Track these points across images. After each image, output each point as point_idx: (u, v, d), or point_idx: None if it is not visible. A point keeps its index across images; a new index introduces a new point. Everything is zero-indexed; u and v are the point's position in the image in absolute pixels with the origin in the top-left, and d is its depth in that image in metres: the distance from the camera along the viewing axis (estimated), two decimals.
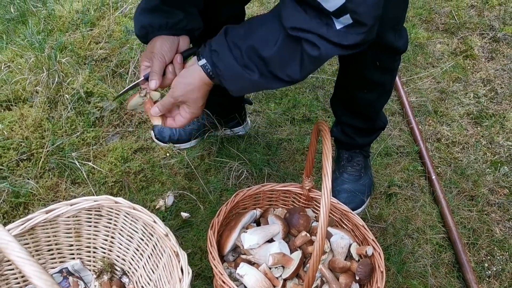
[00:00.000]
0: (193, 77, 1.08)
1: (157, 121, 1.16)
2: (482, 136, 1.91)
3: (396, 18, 1.28)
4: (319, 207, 1.46)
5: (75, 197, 1.44)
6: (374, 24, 0.93)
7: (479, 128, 1.95)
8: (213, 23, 1.40)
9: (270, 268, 1.26)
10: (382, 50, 1.30)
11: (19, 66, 1.93)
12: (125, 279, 1.29)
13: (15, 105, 1.80)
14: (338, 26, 0.93)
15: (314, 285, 1.29)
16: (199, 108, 1.13)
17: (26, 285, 1.24)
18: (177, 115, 1.15)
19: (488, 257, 1.51)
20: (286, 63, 1.00)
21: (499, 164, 1.79)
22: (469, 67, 2.24)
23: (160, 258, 1.20)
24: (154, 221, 1.17)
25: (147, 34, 1.17)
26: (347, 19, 0.90)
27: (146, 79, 1.15)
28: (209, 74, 1.06)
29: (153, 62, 1.13)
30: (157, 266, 1.22)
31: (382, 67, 1.36)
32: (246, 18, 1.60)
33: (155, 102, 1.17)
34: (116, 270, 1.31)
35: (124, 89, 1.22)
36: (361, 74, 1.40)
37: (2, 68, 1.91)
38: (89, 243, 1.29)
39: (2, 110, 1.78)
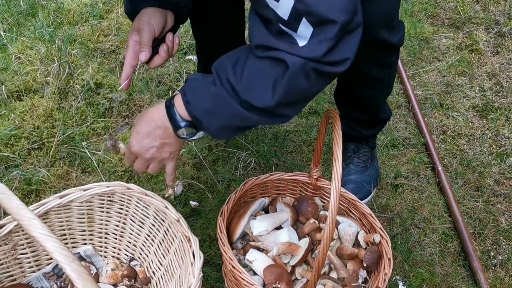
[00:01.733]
0: (152, 109, 1.05)
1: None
2: (487, 129, 1.92)
3: (387, 16, 1.25)
4: (327, 196, 1.48)
5: None
6: (346, 21, 0.81)
7: (484, 121, 1.96)
8: (209, 10, 1.41)
9: (278, 255, 1.28)
10: (376, 46, 1.28)
11: (29, 58, 1.96)
12: (134, 262, 1.31)
13: (26, 96, 1.82)
14: (301, 42, 0.84)
15: (323, 271, 1.31)
16: (137, 142, 1.06)
17: (39, 269, 1.26)
18: None
19: (494, 246, 1.53)
20: (253, 86, 0.91)
21: (505, 156, 1.80)
22: (474, 61, 2.26)
23: (172, 243, 1.22)
24: (166, 207, 1.19)
25: (134, 8, 1.14)
26: (306, 26, 0.82)
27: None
28: (170, 111, 1.01)
29: (142, 33, 1.09)
30: (168, 251, 1.24)
31: (378, 62, 1.36)
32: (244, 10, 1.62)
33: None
34: (126, 255, 1.33)
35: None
36: (358, 70, 1.39)
37: (13, 59, 1.94)
38: (101, 228, 1.31)
39: (14, 101, 1.81)
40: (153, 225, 1.26)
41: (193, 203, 1.55)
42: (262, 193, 1.48)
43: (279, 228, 1.34)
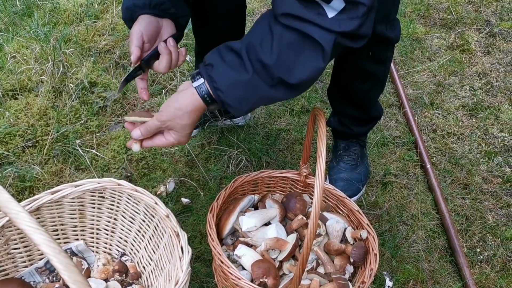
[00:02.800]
0: (185, 101, 1.02)
1: (135, 147, 1.09)
2: (477, 128, 1.95)
3: (385, 10, 1.28)
4: None
5: None
6: (371, 5, 0.89)
7: (474, 120, 1.99)
8: (213, 15, 1.43)
9: (266, 250, 1.30)
10: (374, 41, 1.31)
11: (25, 57, 1.98)
12: (125, 258, 1.33)
13: (21, 94, 1.85)
14: (331, 14, 0.89)
15: (310, 266, 1.33)
16: (186, 136, 1.06)
17: (31, 264, 1.28)
18: (158, 136, 1.08)
19: (480, 243, 1.55)
20: (284, 62, 0.93)
21: (493, 154, 1.83)
22: (465, 61, 2.28)
23: (161, 238, 1.24)
24: (156, 203, 1.22)
25: (131, 16, 1.17)
26: (338, 2, 0.88)
27: (146, 61, 1.16)
28: (204, 97, 1.00)
29: (131, 38, 1.13)
30: (158, 247, 1.26)
31: (375, 57, 1.39)
32: (246, 13, 1.64)
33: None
34: (117, 250, 1.35)
35: (124, 78, 1.22)
36: (354, 65, 1.43)
37: (8, 58, 1.96)
38: (93, 224, 1.34)
39: (9, 99, 1.83)
40: (144, 221, 1.28)
41: (184, 200, 1.57)
42: (253, 190, 1.50)
43: (268, 224, 1.37)
